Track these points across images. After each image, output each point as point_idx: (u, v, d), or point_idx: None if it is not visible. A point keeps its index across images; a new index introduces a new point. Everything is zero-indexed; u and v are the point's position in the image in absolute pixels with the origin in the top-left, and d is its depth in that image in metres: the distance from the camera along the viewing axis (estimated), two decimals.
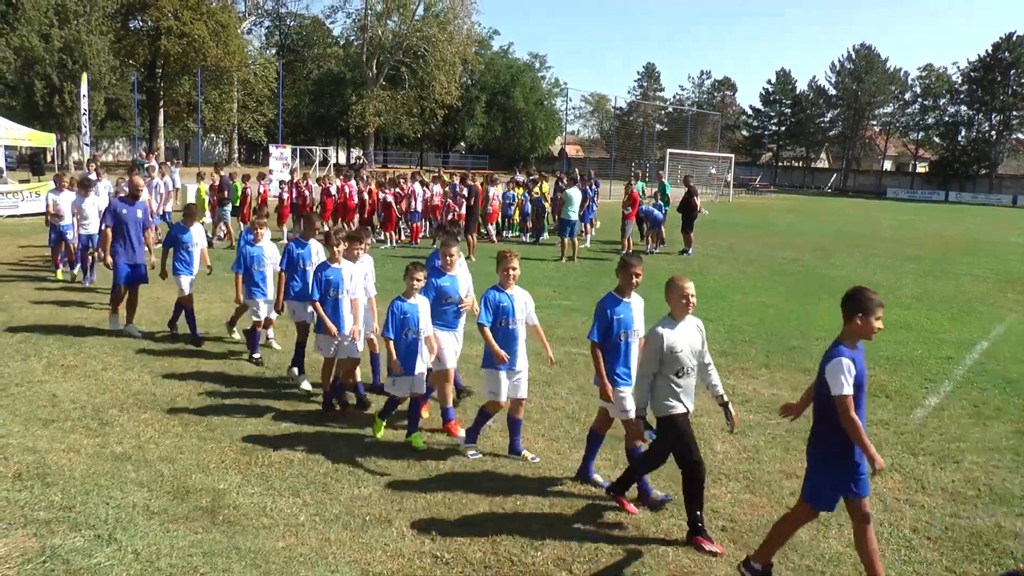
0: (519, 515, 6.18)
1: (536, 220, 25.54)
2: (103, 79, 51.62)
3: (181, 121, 66.08)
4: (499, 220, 25.48)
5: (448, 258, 7.82)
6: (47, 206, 15.87)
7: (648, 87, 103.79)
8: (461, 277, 8.00)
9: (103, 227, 11.69)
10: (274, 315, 10.18)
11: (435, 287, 7.75)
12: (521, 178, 28.56)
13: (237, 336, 11.17)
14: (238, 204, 21.73)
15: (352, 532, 5.79)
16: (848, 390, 4.82)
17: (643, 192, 25.11)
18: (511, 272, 7.14)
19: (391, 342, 7.24)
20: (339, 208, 22.45)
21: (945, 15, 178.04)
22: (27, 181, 29.84)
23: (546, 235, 25.22)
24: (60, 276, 15.49)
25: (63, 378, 9.14)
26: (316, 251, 9.51)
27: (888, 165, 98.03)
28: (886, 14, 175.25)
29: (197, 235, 11.33)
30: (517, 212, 26.01)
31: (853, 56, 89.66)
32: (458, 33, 76.44)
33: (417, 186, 23.43)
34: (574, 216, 21.10)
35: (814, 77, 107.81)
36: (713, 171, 56.91)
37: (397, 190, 23.18)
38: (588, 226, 24.80)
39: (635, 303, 6.60)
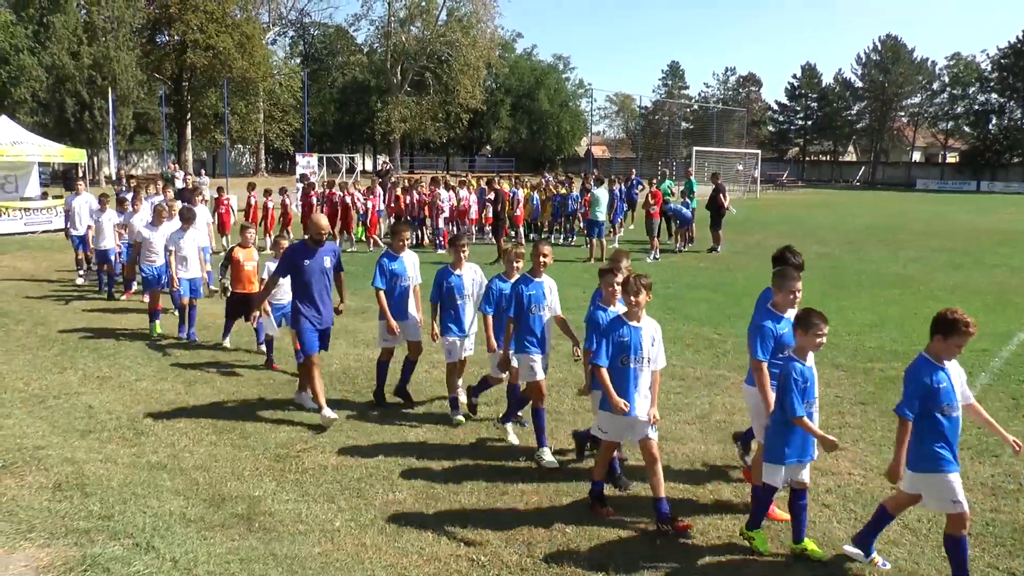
0: (555, 517, 6.15)
1: (567, 221, 25.50)
2: (131, 94, 52.28)
3: (208, 133, 66.65)
4: (527, 222, 25.46)
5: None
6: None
7: (673, 85, 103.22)
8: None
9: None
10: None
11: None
12: (550, 178, 28.53)
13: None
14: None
15: (388, 536, 5.80)
16: None
17: (670, 191, 24.96)
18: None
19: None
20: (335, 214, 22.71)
21: (973, 2, 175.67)
22: (60, 196, 30.27)
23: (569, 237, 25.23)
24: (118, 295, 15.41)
25: (99, 389, 9.26)
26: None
27: (917, 156, 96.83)
28: (912, 3, 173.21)
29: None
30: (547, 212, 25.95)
31: (879, 47, 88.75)
32: (481, 37, 76.50)
33: (442, 190, 23.52)
34: (602, 216, 21.06)
35: (840, 70, 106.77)
36: (740, 168, 56.52)
37: (420, 196, 23.37)
38: (616, 227, 24.72)
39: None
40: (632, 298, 5.93)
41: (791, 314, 5.90)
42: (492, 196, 22.77)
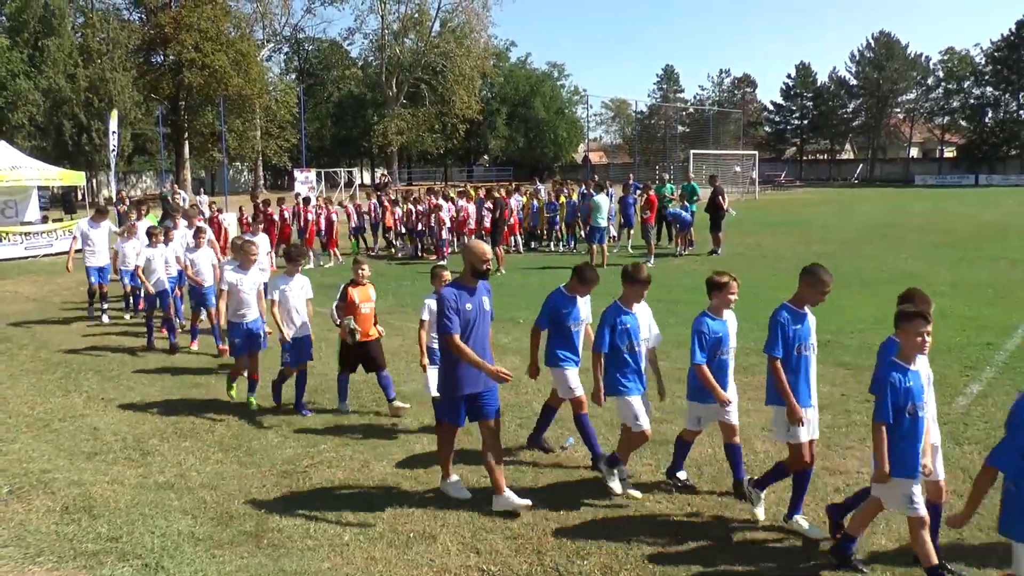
0: (563, 525, 6.15)
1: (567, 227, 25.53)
2: (128, 115, 52.40)
3: (206, 151, 66.68)
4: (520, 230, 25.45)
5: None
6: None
7: (668, 89, 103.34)
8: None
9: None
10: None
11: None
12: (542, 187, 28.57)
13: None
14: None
15: (397, 549, 5.79)
16: None
17: (670, 194, 24.95)
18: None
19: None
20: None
21: None
22: (60, 220, 30.36)
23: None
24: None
25: (104, 411, 9.26)
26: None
27: (914, 152, 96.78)
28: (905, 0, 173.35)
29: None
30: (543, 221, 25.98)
31: (873, 44, 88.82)
32: (475, 47, 76.62)
33: (441, 200, 23.58)
34: (603, 223, 21.06)
35: (834, 68, 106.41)
36: (738, 169, 56.55)
37: (421, 207, 23.42)
38: (623, 234, 24.75)
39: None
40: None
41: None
42: (491, 204, 22.79)
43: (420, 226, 24.01)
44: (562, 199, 25.34)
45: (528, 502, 6.36)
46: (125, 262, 14.52)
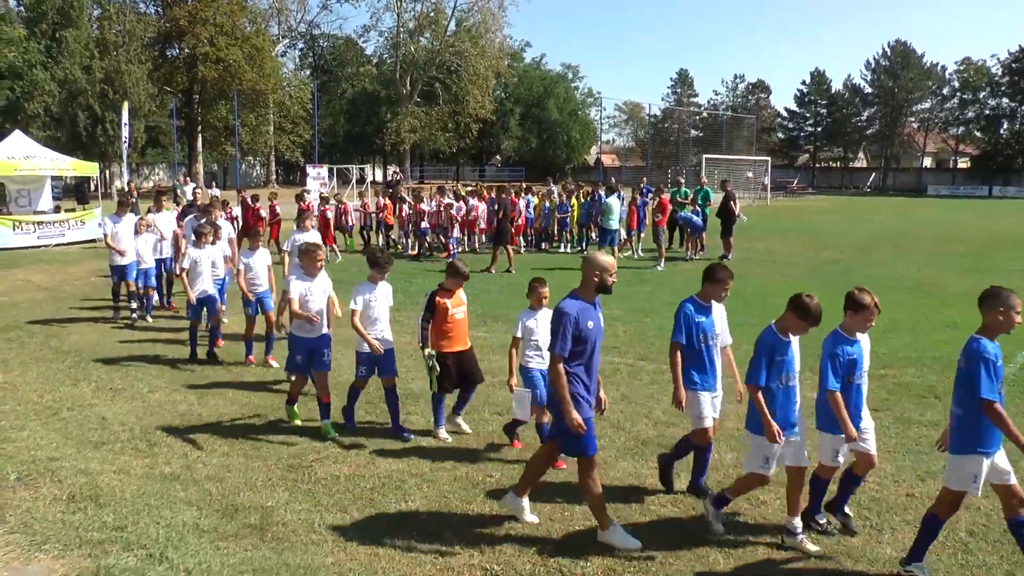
0: (568, 526, 6.15)
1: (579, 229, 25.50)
2: (143, 107, 52.65)
3: (219, 145, 67.01)
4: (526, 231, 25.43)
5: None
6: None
7: (682, 93, 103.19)
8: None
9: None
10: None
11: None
12: (555, 188, 28.50)
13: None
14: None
15: (401, 546, 5.79)
16: None
17: (683, 198, 24.89)
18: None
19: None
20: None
21: (982, 7, 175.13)
22: (73, 210, 30.49)
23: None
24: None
25: (112, 401, 9.29)
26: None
27: (928, 162, 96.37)
28: (922, 9, 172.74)
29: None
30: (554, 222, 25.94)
31: (888, 53, 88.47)
32: (490, 47, 76.70)
33: (451, 199, 23.62)
34: (614, 225, 21.01)
35: (849, 76, 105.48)
36: (750, 175, 56.40)
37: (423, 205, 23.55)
38: (632, 238, 24.71)
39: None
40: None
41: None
42: (496, 206, 22.81)
43: (424, 224, 23.98)
44: (574, 201, 25.29)
45: (535, 519, 6.22)
46: (141, 260, 13.86)
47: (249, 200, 22.68)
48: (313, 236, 11.86)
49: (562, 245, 25.56)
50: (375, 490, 6.78)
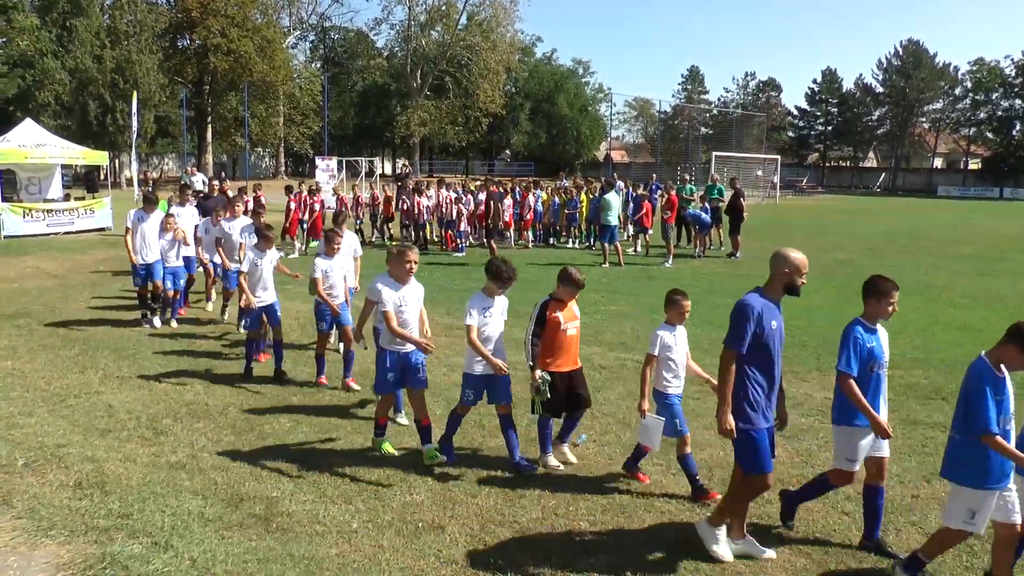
0: (572, 521, 6.14)
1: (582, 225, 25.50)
2: (153, 97, 52.77)
3: (229, 136, 67.14)
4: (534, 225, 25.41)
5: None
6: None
7: (692, 90, 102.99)
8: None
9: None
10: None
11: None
12: (567, 183, 28.43)
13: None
14: None
15: (405, 539, 5.80)
16: None
17: (689, 195, 24.82)
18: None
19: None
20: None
21: (997, 7, 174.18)
22: (82, 198, 30.61)
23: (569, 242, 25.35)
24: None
25: (119, 389, 9.32)
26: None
27: (939, 163, 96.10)
28: (935, 9, 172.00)
29: None
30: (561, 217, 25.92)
31: (900, 52, 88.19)
32: (501, 41, 76.73)
33: (452, 192, 23.66)
34: (614, 221, 20.94)
35: (860, 75, 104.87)
36: (759, 173, 56.28)
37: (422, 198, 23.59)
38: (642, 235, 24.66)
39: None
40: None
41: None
42: (482, 197, 22.81)
43: (424, 218, 23.95)
44: (583, 196, 25.24)
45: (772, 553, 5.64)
46: (166, 259, 12.86)
47: (306, 194, 22.40)
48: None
49: (570, 241, 25.55)
50: (380, 482, 6.78)
